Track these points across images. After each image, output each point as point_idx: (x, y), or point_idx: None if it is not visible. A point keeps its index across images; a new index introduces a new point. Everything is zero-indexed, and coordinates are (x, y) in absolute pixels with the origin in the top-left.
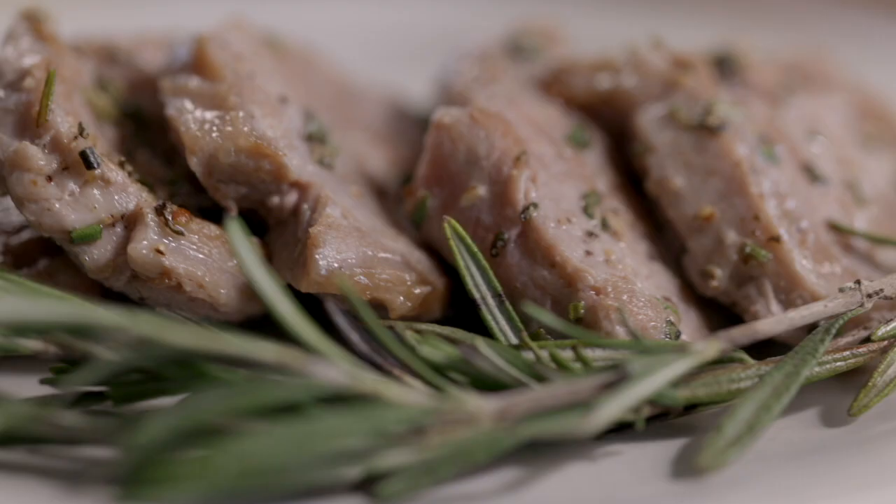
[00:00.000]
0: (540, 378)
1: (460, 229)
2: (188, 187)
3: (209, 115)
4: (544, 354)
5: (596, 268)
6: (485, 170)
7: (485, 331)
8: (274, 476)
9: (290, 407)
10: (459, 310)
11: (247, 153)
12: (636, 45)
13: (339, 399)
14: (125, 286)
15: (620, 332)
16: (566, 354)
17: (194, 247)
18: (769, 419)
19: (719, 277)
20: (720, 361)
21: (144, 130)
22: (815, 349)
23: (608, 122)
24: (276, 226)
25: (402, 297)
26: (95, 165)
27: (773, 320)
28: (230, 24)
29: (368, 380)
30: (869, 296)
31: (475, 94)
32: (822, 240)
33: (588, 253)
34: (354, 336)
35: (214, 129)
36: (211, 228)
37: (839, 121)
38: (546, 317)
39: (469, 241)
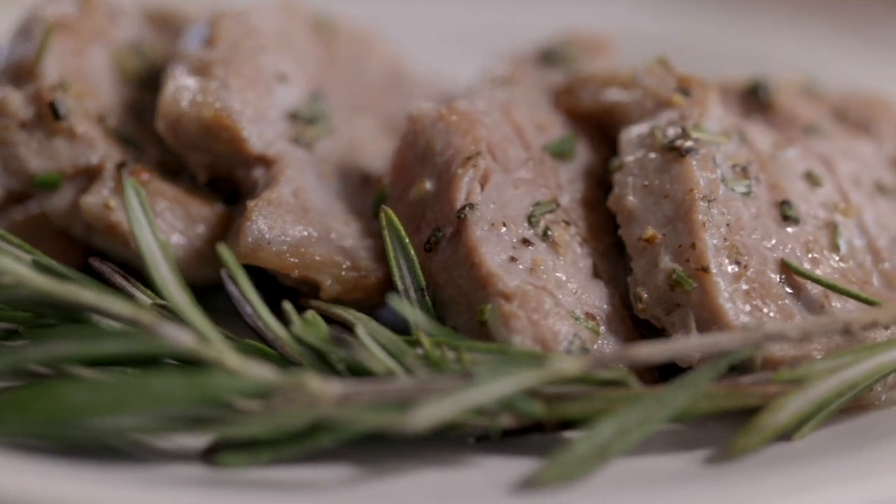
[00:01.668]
0: (411, 372)
1: (395, 220)
2: None
3: (191, 82)
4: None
5: (512, 274)
6: (437, 166)
7: None
8: (89, 425)
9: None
10: None
11: (208, 123)
12: (652, 62)
13: (192, 363)
14: (84, 236)
15: (516, 339)
16: (452, 354)
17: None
18: (626, 444)
19: (645, 301)
20: (613, 382)
21: None
22: (697, 383)
23: (613, 137)
24: (242, 197)
25: (331, 280)
26: (62, 117)
27: (652, 347)
28: (279, 4)
29: (214, 348)
30: (769, 337)
31: (475, 93)
32: (767, 279)
33: (512, 259)
34: (246, 309)
35: (188, 96)
36: (171, 191)
37: (859, 167)
38: (413, 313)
39: (402, 232)
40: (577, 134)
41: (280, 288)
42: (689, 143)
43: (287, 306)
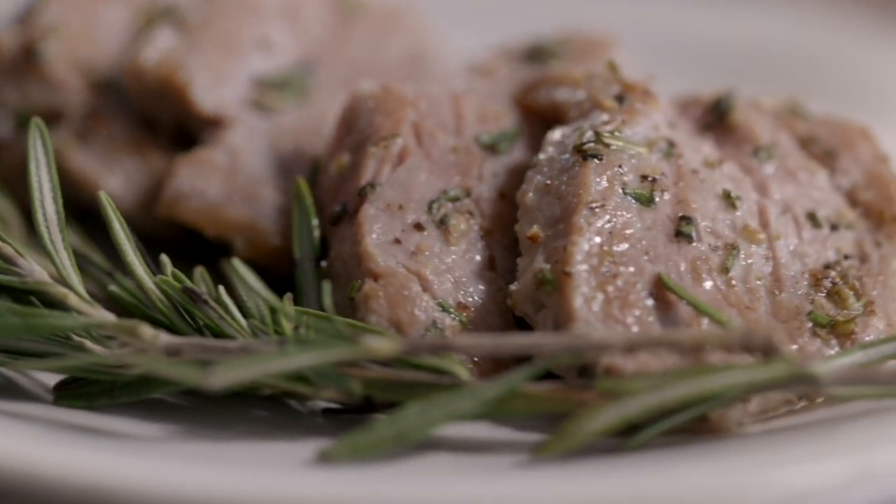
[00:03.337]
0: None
1: (303, 190)
2: None
3: (166, 39)
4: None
5: (389, 255)
6: (356, 142)
7: None
8: None
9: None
10: None
11: (163, 81)
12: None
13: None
14: None
15: (372, 319)
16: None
17: (100, 151)
18: (427, 430)
19: (514, 297)
20: (437, 370)
21: None
22: (512, 381)
23: None
24: None
25: (241, 242)
26: (39, 60)
27: (470, 340)
28: None
29: (64, 287)
30: (592, 346)
31: (443, 81)
32: (635, 291)
33: (397, 241)
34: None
35: (157, 53)
36: (133, 143)
37: (797, 195)
38: (250, 278)
39: (306, 202)
40: (524, 130)
41: None
42: (597, 148)
43: (163, 258)
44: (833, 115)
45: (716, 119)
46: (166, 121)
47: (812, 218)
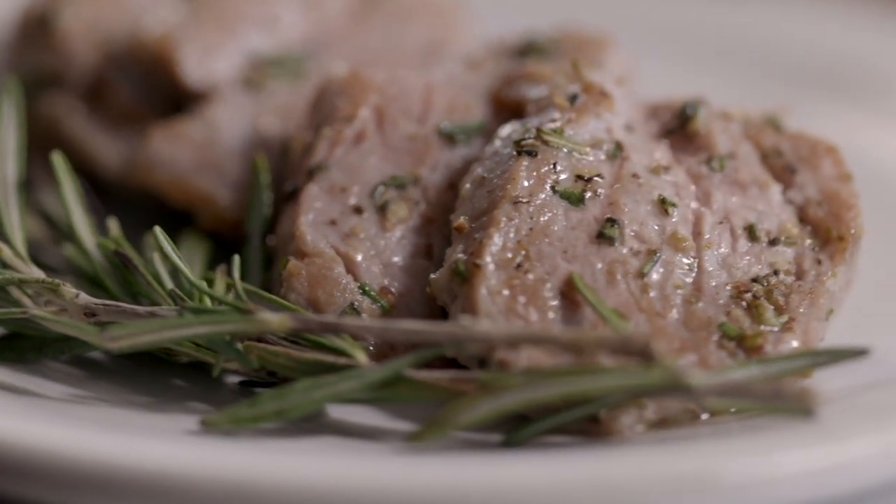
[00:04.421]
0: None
1: (261, 167)
2: None
3: (174, 13)
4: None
5: (320, 235)
6: (317, 123)
7: None
8: None
9: None
10: None
11: (156, 53)
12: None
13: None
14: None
15: (291, 297)
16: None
17: (100, 119)
18: (310, 408)
19: (432, 285)
20: (333, 349)
21: None
22: (396, 367)
23: None
24: None
25: (204, 212)
26: (50, 27)
27: (361, 323)
28: None
29: (5, 249)
30: (474, 338)
31: (426, 70)
32: (544, 288)
33: (332, 222)
34: None
35: (159, 27)
36: (125, 109)
37: (741, 208)
38: (174, 255)
39: (262, 179)
40: (494, 124)
41: None
42: (534, 144)
43: (110, 222)
44: (806, 130)
45: (678, 125)
46: (164, 92)
47: (750, 230)
